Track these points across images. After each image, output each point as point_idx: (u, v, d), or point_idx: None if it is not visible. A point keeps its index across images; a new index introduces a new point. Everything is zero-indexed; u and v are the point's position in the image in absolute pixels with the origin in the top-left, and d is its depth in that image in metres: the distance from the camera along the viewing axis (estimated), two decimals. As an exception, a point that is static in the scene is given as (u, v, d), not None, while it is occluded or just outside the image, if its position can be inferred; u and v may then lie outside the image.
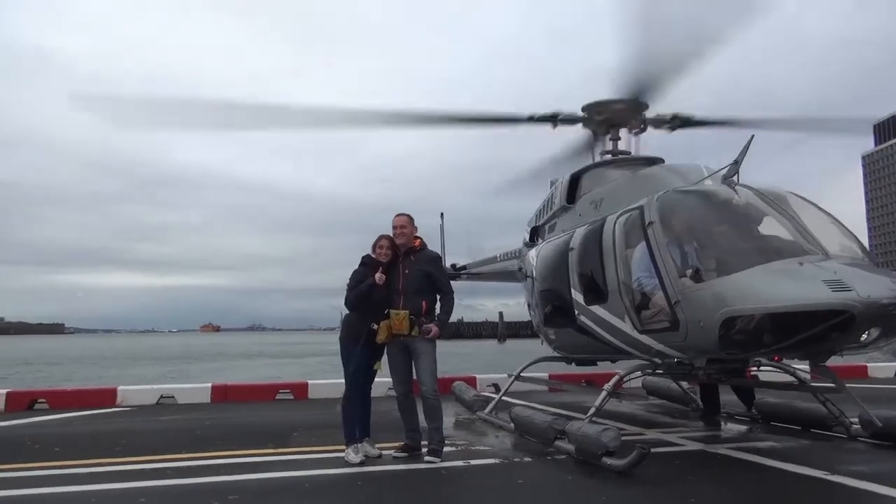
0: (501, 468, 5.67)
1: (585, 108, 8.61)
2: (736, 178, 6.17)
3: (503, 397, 8.73)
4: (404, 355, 6.11)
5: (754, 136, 6.10)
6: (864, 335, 4.96)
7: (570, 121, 8.81)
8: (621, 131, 8.84)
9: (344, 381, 6.13)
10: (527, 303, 9.87)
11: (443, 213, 14.79)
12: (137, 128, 9.33)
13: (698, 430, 7.49)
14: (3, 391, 10.86)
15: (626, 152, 8.82)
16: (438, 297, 6.19)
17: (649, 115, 8.55)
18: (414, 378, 6.17)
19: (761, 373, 7.61)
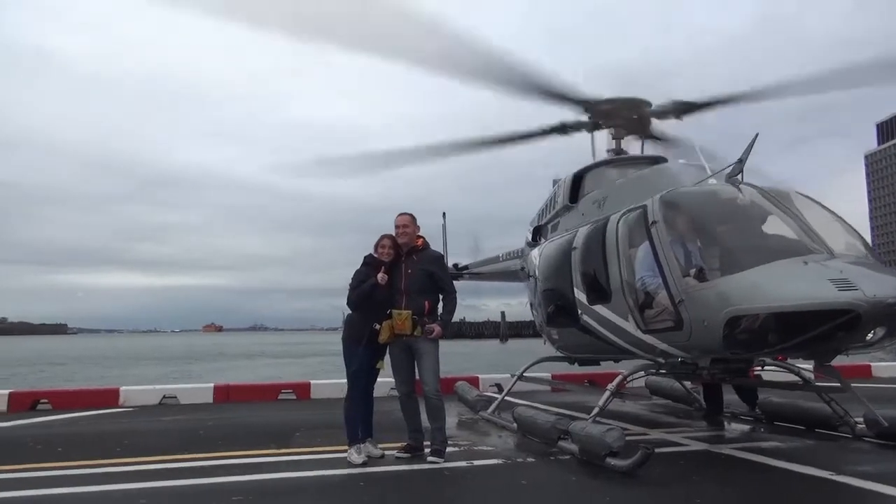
0: (505, 468, 5.65)
1: (588, 109, 8.57)
2: (740, 177, 6.14)
3: (506, 397, 8.71)
4: (407, 355, 6.08)
5: (758, 135, 6.07)
6: (869, 334, 4.92)
7: (577, 126, 8.82)
8: (623, 131, 8.83)
9: (347, 381, 6.12)
10: (529, 302, 9.85)
11: (445, 213, 14.80)
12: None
13: (702, 430, 7.46)
14: (6, 391, 10.87)
15: (626, 152, 8.81)
16: (441, 296, 6.18)
17: (652, 109, 8.51)
18: (416, 378, 6.15)
19: (765, 372, 7.57)
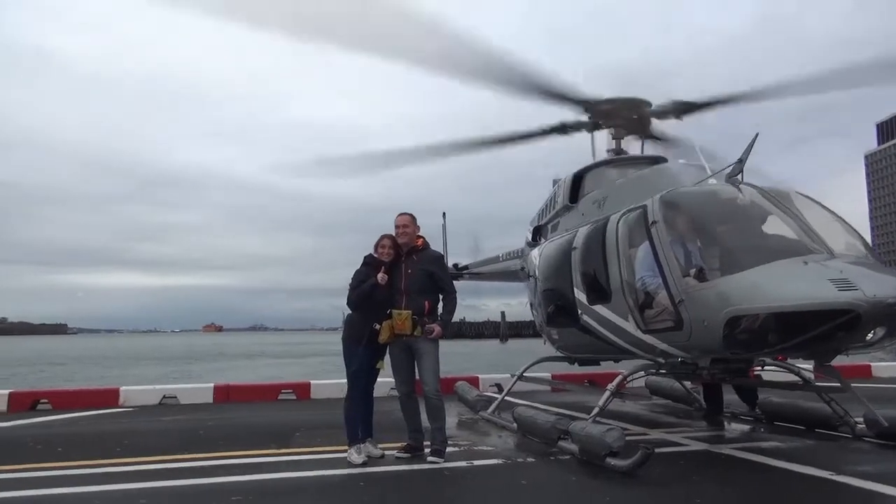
0: (505, 468, 5.65)
1: (588, 109, 8.57)
2: (740, 177, 6.14)
3: (506, 397, 8.71)
4: (407, 355, 6.08)
5: (758, 135, 6.07)
6: (869, 334, 4.92)
7: (577, 126, 8.80)
8: (623, 130, 8.83)
9: (347, 381, 6.12)
10: (529, 302, 9.85)
11: (445, 213, 14.80)
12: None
13: (702, 430, 7.46)
14: (6, 391, 10.87)
15: (625, 152, 8.81)
16: (441, 296, 6.17)
17: (653, 109, 8.51)
18: (416, 378, 6.15)
19: (765, 372, 7.57)
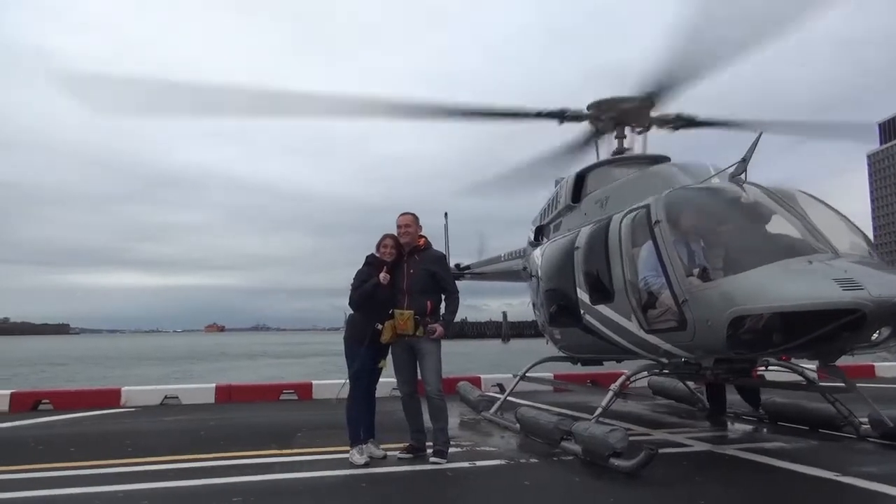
0: (507, 469, 5.62)
1: (592, 106, 8.53)
2: (744, 176, 6.11)
3: (508, 397, 8.69)
4: (409, 355, 6.06)
5: (762, 134, 6.04)
6: (875, 334, 4.90)
7: (576, 118, 8.72)
8: (625, 130, 8.79)
9: (349, 381, 6.10)
10: (531, 302, 9.82)
11: (447, 213, 14.79)
12: (124, 113, 7.97)
13: (705, 431, 7.43)
14: (8, 392, 10.87)
15: (630, 150, 8.77)
16: (443, 296, 6.15)
17: (654, 115, 8.48)
18: (418, 378, 6.12)
19: (769, 373, 7.54)
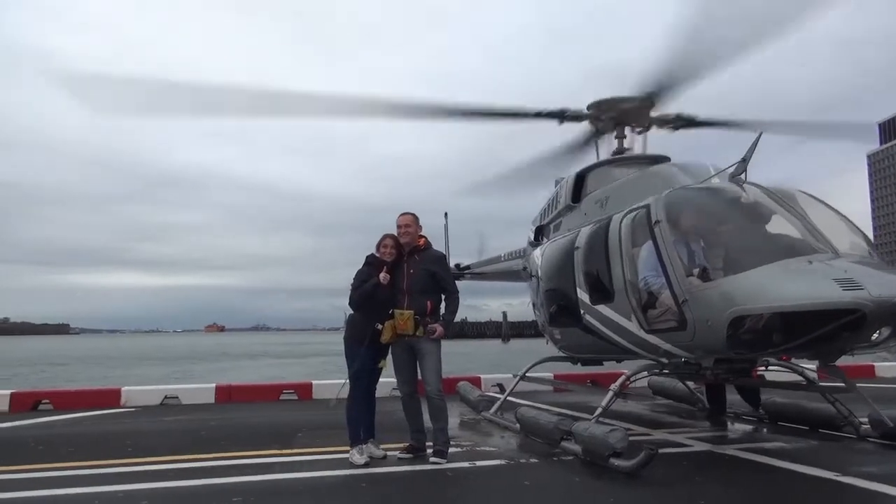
0: (507, 469, 5.62)
1: (592, 106, 8.52)
2: (744, 176, 6.11)
3: (508, 397, 8.69)
4: (409, 355, 6.05)
5: (762, 134, 6.04)
6: (875, 334, 4.90)
7: (576, 118, 8.72)
8: (625, 130, 8.79)
9: (349, 381, 6.10)
10: (531, 302, 9.82)
11: (447, 213, 14.80)
12: (124, 113, 7.92)
13: (705, 431, 7.43)
14: (8, 392, 10.88)
15: (630, 150, 8.77)
16: (443, 296, 6.15)
17: (654, 115, 8.48)
18: (418, 378, 6.12)
19: (769, 372, 7.54)
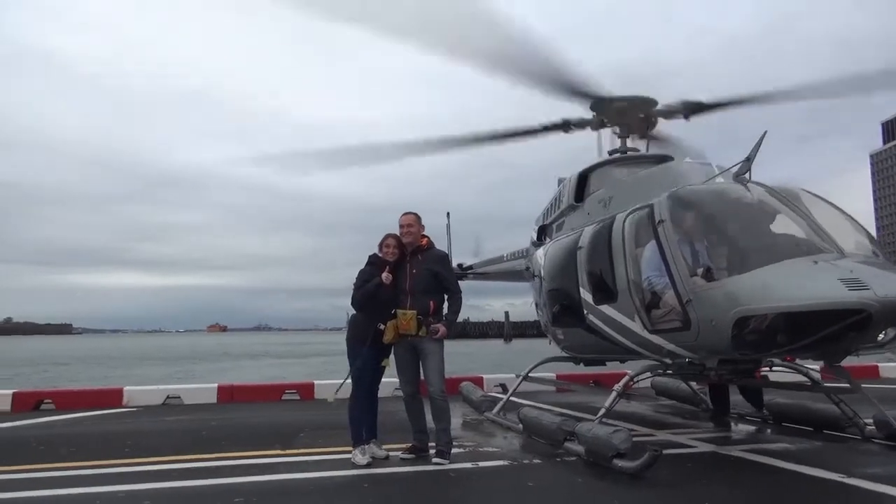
0: (510, 470, 5.60)
1: (594, 107, 8.51)
2: (748, 176, 6.08)
3: (511, 398, 8.66)
4: (412, 355, 6.03)
5: (766, 133, 6.01)
6: (880, 335, 4.87)
7: (580, 125, 8.75)
8: (628, 128, 8.76)
9: (351, 381, 6.08)
10: (534, 302, 9.79)
11: (449, 213, 14.81)
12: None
13: (709, 432, 7.40)
14: (10, 391, 10.89)
15: (634, 149, 8.74)
16: (446, 296, 6.13)
17: (658, 109, 8.45)
18: (421, 378, 6.10)
19: (773, 373, 7.50)
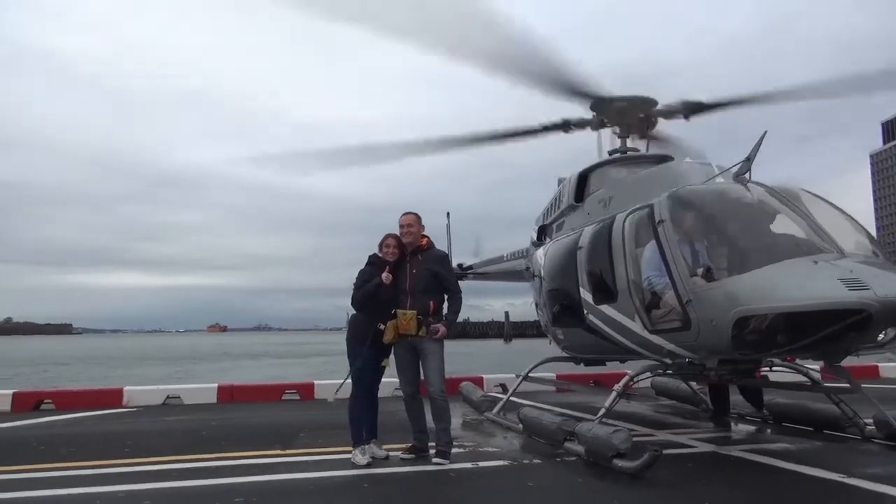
0: (510, 470, 5.60)
1: (594, 107, 8.51)
2: (748, 176, 6.08)
3: (511, 398, 8.66)
4: (412, 356, 6.03)
5: (766, 133, 6.01)
6: (880, 335, 4.87)
7: (580, 124, 8.75)
8: (629, 128, 8.76)
9: (351, 381, 6.08)
10: (534, 302, 9.79)
11: (449, 213, 14.82)
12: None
13: (709, 432, 7.40)
14: (10, 391, 10.89)
15: (634, 149, 8.74)
16: (446, 296, 6.12)
17: (658, 109, 8.45)
18: (421, 378, 6.10)
19: (773, 373, 7.50)
